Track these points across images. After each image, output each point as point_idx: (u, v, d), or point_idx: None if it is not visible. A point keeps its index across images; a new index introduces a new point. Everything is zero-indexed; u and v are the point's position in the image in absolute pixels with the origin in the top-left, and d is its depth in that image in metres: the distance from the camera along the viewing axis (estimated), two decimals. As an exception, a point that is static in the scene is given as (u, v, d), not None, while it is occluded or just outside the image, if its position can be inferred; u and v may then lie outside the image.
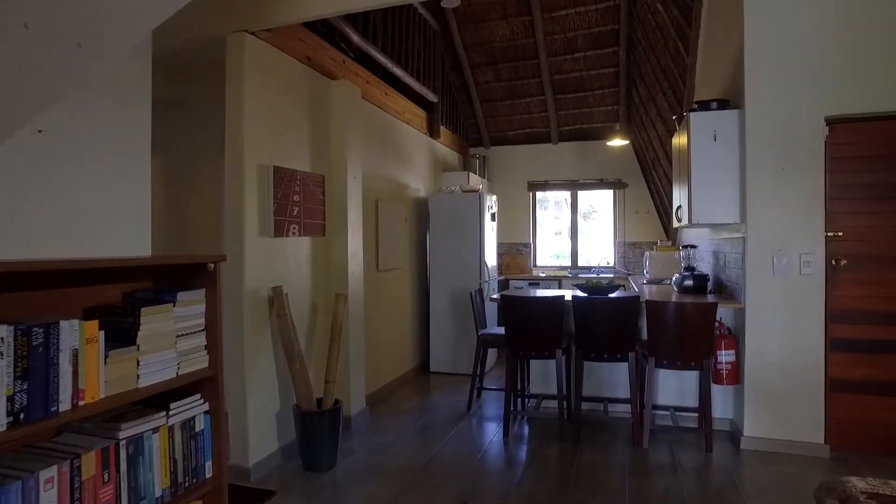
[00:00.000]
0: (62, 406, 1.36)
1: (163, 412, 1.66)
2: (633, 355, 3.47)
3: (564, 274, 6.78)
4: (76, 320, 1.40)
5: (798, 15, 3.24)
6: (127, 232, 2.17)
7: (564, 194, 7.32)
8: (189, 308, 1.75)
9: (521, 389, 4.20)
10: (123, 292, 1.81)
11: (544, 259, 7.50)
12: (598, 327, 3.48)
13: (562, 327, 3.55)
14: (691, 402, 3.76)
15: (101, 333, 1.46)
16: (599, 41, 5.97)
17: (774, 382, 3.28)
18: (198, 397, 1.79)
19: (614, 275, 6.63)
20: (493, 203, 5.83)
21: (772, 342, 3.29)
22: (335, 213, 3.79)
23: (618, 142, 6.29)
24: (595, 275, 6.55)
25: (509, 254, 7.29)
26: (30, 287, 1.52)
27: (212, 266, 1.82)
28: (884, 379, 3.13)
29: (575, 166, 7.12)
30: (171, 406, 1.69)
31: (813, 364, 3.22)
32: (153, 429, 1.62)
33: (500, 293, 3.99)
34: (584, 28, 5.86)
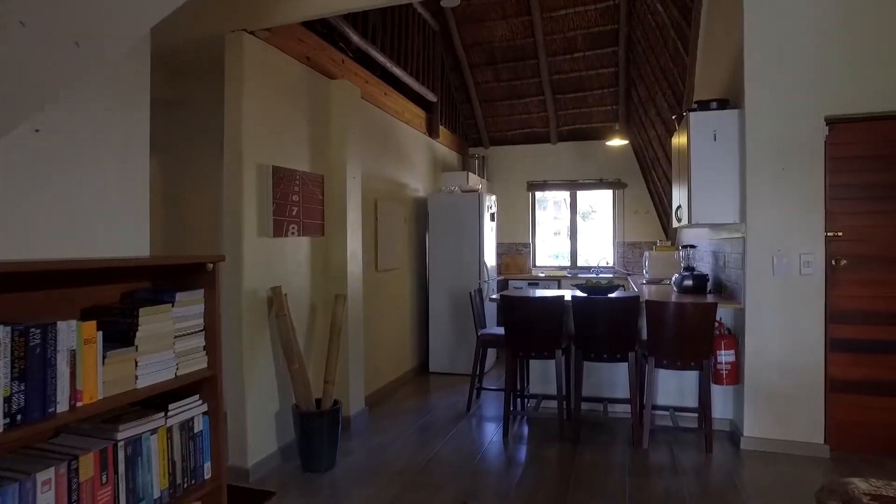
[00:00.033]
0: (60, 407, 1.35)
1: (161, 413, 1.65)
2: (633, 355, 3.46)
3: (564, 274, 6.78)
4: (74, 321, 1.40)
5: (798, 15, 3.24)
6: (125, 232, 2.16)
7: (563, 194, 7.31)
8: (188, 308, 1.74)
9: (521, 389, 4.19)
10: (122, 292, 1.80)
11: (543, 259, 7.49)
12: (598, 327, 3.47)
13: (561, 327, 3.55)
14: (691, 403, 3.75)
15: (99, 334, 1.45)
16: (599, 41, 5.97)
17: (774, 383, 3.27)
18: (196, 398, 1.78)
19: (614, 275, 6.63)
20: (493, 203, 5.83)
21: (772, 342, 3.28)
22: (334, 213, 3.78)
23: (617, 142, 6.29)
24: (594, 275, 6.55)
25: (508, 254, 7.29)
26: (27, 287, 1.51)
27: (210, 266, 1.81)
28: (884, 379, 3.13)
29: (574, 166, 7.12)
30: (170, 407, 1.68)
31: (813, 364, 3.22)
32: (151, 430, 1.61)
33: (500, 293, 3.99)
34: (584, 28, 5.86)
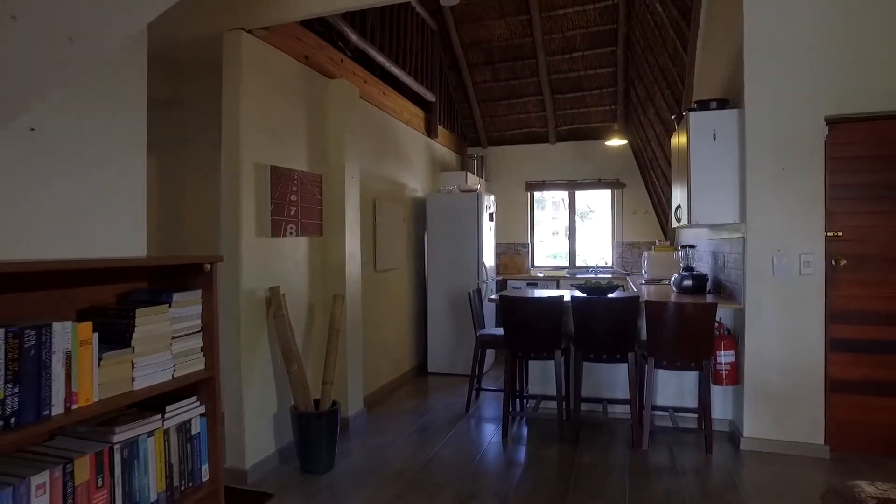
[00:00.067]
0: (55, 410, 1.33)
1: (158, 415, 1.64)
2: (633, 356, 3.45)
3: (562, 274, 6.77)
4: (69, 322, 1.38)
5: (798, 14, 3.23)
6: (122, 232, 2.14)
7: (562, 194, 7.30)
8: (185, 309, 1.72)
9: (520, 390, 4.18)
10: (118, 293, 1.78)
11: (542, 259, 7.49)
12: (598, 328, 3.46)
13: (561, 328, 3.53)
14: (691, 403, 3.75)
15: (95, 335, 1.44)
16: (598, 41, 5.96)
17: (774, 383, 3.27)
18: (194, 400, 1.77)
19: (612, 275, 6.63)
20: (491, 203, 5.82)
21: (771, 342, 3.27)
22: (333, 213, 3.77)
23: (616, 142, 6.28)
24: (593, 275, 6.54)
25: (507, 254, 7.28)
26: (22, 288, 1.49)
27: (208, 266, 1.79)
28: (884, 379, 3.12)
29: (573, 166, 7.11)
30: (167, 409, 1.66)
31: (813, 364, 3.21)
32: (148, 432, 1.60)
33: (499, 294, 3.98)
34: (583, 27, 5.85)
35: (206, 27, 2.98)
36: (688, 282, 3.92)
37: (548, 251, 7.51)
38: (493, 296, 4.03)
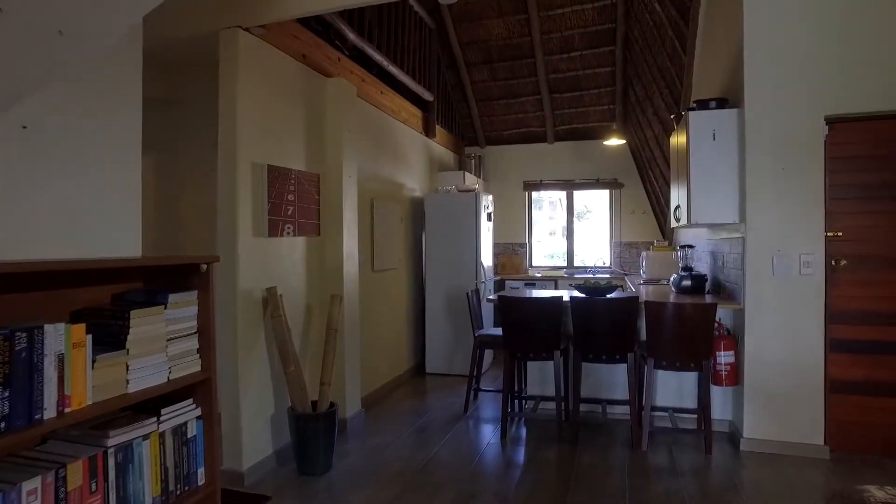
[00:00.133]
0: (47, 413, 1.30)
1: (153, 418, 1.61)
2: (632, 356, 3.44)
3: (560, 274, 6.76)
4: (62, 324, 1.35)
5: (798, 14, 3.22)
6: (117, 232, 2.10)
7: (560, 194, 7.29)
8: (181, 310, 1.70)
9: (519, 391, 4.16)
10: (113, 294, 1.75)
11: (539, 259, 7.47)
12: (597, 328, 3.44)
13: (560, 328, 3.52)
14: (690, 404, 3.73)
15: (89, 337, 1.41)
16: (596, 40, 5.94)
17: (774, 383, 3.26)
18: (190, 402, 1.74)
19: (611, 275, 6.62)
20: (489, 203, 5.80)
21: (771, 343, 3.26)
22: (330, 213, 3.74)
23: (614, 141, 6.27)
24: (591, 275, 6.53)
25: (505, 254, 7.26)
26: (14, 289, 1.46)
27: (204, 267, 1.77)
28: (884, 380, 3.11)
29: (571, 166, 7.10)
30: (162, 411, 1.64)
31: (812, 365, 3.20)
32: (143, 435, 1.57)
33: (498, 294, 3.96)
34: (581, 27, 5.84)
35: (203, 25, 2.95)
36: (687, 282, 3.91)
37: (545, 251, 7.50)
38: (492, 296, 4.01)
